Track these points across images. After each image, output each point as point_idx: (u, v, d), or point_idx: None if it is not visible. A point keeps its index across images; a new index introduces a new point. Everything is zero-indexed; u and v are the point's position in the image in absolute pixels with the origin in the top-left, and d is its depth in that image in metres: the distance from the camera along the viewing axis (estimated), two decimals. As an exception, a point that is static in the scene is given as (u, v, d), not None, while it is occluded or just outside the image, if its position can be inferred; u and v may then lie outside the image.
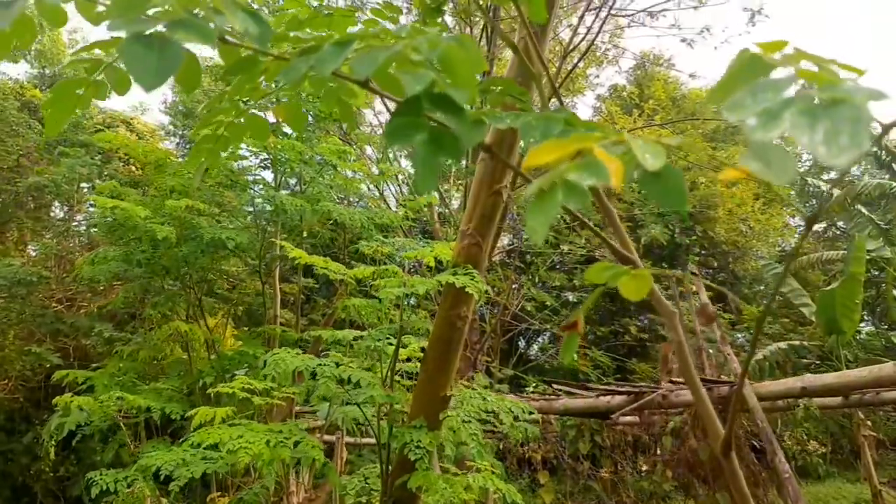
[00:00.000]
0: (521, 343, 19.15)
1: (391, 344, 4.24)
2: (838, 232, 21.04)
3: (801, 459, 13.45)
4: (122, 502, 5.54)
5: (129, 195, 6.67)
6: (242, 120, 1.36)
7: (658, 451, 9.78)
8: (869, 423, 9.34)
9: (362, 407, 3.90)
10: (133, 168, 12.70)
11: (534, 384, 11.25)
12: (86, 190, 12.32)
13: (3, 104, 12.66)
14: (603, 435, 9.59)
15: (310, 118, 7.62)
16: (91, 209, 12.42)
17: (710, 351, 9.84)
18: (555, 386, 8.73)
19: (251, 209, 7.78)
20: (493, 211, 4.00)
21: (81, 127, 13.19)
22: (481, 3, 8.35)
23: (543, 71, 1.86)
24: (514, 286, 14.37)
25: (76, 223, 13.39)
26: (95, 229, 10.72)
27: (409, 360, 4.71)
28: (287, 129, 7.53)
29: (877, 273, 14.99)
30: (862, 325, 14.53)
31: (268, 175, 7.68)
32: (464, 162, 14.79)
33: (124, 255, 6.18)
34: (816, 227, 22.94)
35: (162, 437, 6.39)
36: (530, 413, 6.89)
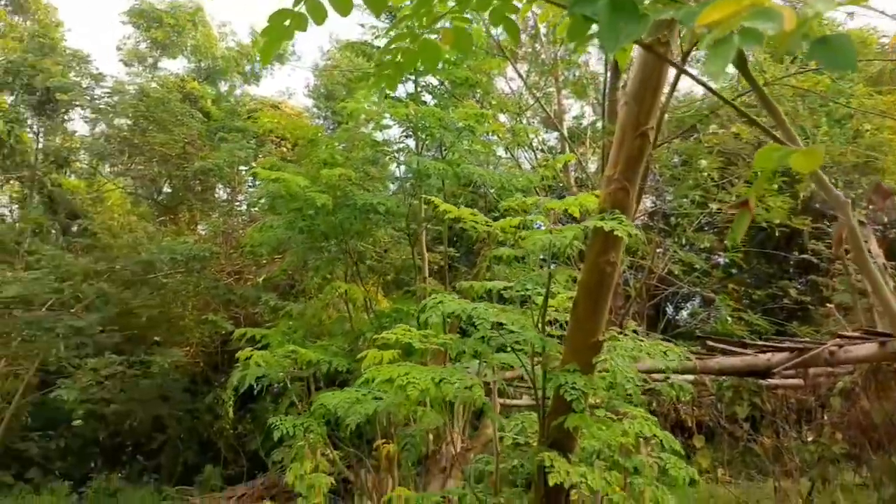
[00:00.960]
0: (669, 309, 18.58)
1: (540, 294, 4.31)
2: None
3: None
4: (298, 448, 6.06)
5: (287, 169, 7.25)
6: (416, 47, 1.50)
7: (825, 416, 9.20)
8: None
9: (517, 352, 4.03)
10: (284, 149, 13.63)
11: (685, 348, 10.89)
12: (243, 172, 13.39)
13: (168, 97, 13.96)
14: (763, 397, 9.12)
15: (447, 86, 7.83)
16: (250, 189, 13.50)
17: (881, 309, 9.10)
18: (710, 343, 8.40)
19: (396, 178, 8.14)
20: (639, 154, 3.92)
21: (237, 114, 14.32)
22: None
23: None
24: (658, 250, 13.93)
25: (238, 203, 14.61)
26: (256, 208, 11.65)
27: (556, 310, 4.77)
28: (426, 98, 7.79)
29: None
30: None
31: (410, 144, 8.00)
32: (599, 123, 14.46)
33: (287, 224, 6.79)
34: None
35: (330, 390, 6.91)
36: (684, 373, 6.69)
